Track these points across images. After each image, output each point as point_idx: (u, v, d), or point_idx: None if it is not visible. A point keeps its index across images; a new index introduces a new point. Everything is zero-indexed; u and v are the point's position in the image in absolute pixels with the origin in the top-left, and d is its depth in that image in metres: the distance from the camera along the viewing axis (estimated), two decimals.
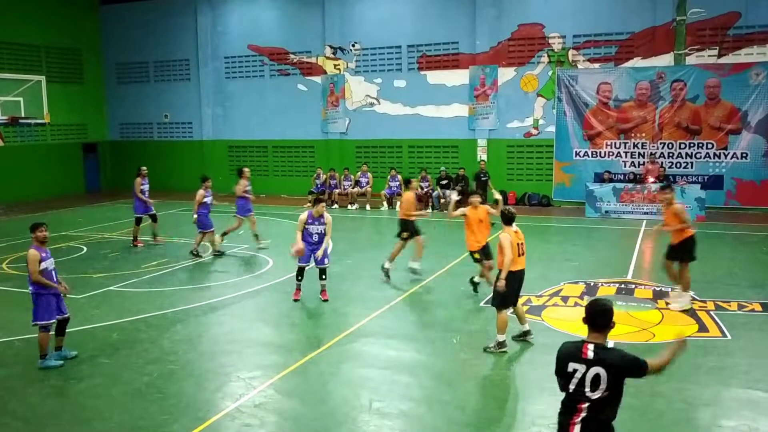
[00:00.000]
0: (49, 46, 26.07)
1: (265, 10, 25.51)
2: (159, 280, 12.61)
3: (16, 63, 23.99)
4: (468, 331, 9.30)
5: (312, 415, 6.79)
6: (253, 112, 26.10)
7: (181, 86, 27.33)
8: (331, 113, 24.72)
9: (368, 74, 24.04)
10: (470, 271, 12.87)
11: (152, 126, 28.29)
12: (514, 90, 21.98)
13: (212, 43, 26.42)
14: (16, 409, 6.96)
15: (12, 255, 14.97)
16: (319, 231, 10.95)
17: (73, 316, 10.12)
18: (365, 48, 23.96)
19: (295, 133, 25.44)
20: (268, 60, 25.62)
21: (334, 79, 24.50)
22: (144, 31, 27.60)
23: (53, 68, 25.92)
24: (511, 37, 21.85)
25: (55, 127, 25.71)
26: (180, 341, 9.15)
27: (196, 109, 27.11)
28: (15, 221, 20.33)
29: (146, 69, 28.03)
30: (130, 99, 28.47)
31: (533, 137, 21.98)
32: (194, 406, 6.99)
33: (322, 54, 24.62)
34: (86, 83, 27.95)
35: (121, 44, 28.19)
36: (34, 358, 8.48)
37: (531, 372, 7.89)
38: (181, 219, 20.37)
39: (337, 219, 19.66)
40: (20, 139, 24.98)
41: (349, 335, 9.15)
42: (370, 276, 12.71)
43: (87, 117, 28.00)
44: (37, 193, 25.36)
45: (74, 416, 6.80)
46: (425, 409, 6.89)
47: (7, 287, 12.13)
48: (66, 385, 7.61)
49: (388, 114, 23.86)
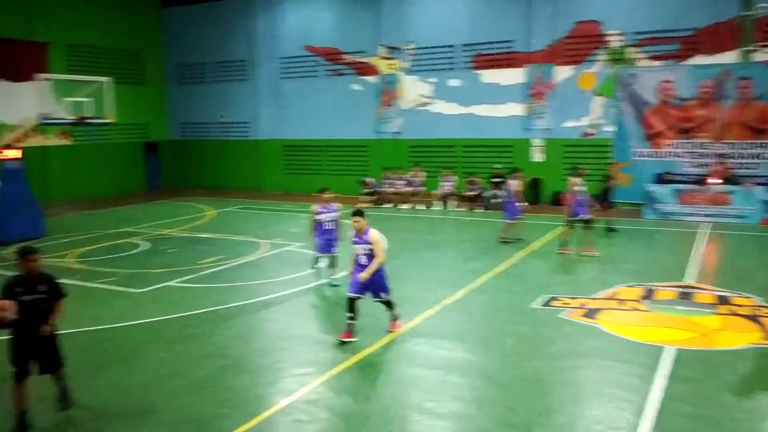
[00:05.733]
0: (114, 49, 26.97)
1: (320, 11, 25.77)
2: (215, 276, 12.88)
3: (83, 65, 24.89)
4: (521, 334, 9.18)
5: (363, 413, 6.83)
6: (308, 111, 26.39)
7: (239, 86, 27.86)
8: (384, 113, 24.80)
9: (422, 74, 24.01)
10: (523, 272, 12.73)
11: (210, 125, 28.93)
12: (571, 89, 21.60)
13: (268, 44, 26.85)
14: (80, 398, 7.21)
15: (78, 249, 15.52)
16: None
17: (133, 310, 10.47)
18: (419, 47, 23.93)
19: (348, 133, 25.62)
20: (323, 60, 25.87)
21: (388, 79, 24.56)
22: (203, 33, 28.26)
23: (118, 70, 26.71)
24: (568, 35, 21.48)
25: (119, 127, 26.54)
26: (234, 337, 9.32)
27: (252, 109, 27.60)
28: (81, 217, 21.10)
29: (205, 70, 28.69)
30: (189, 99, 29.21)
31: (590, 137, 21.56)
32: (248, 401, 7.12)
33: (376, 54, 24.71)
34: (148, 84, 28.79)
35: (181, 46, 28.95)
36: (96, 349, 8.79)
37: (586, 376, 7.74)
38: (238, 216, 20.77)
39: (388, 218, 19.80)
40: (87, 139, 25.92)
41: (400, 335, 9.16)
42: (421, 276, 12.69)
43: (149, 117, 28.86)
44: (101, 190, 26.29)
45: (133, 407, 7.01)
46: (476, 409, 6.84)
47: (72, 280, 12.57)
48: (126, 377, 7.84)
49: (441, 113, 23.78)
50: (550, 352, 8.47)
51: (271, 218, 20.47)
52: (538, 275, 12.61)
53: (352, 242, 9.08)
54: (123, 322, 9.95)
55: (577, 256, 13.93)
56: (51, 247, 15.82)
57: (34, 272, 6.57)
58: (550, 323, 9.58)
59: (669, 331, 9.22)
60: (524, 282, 11.99)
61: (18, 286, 6.48)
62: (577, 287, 11.52)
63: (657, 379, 7.43)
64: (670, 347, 8.36)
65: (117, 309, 10.70)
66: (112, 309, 10.71)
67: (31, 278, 6.54)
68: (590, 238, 14.25)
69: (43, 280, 6.61)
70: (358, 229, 8.95)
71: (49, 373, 6.80)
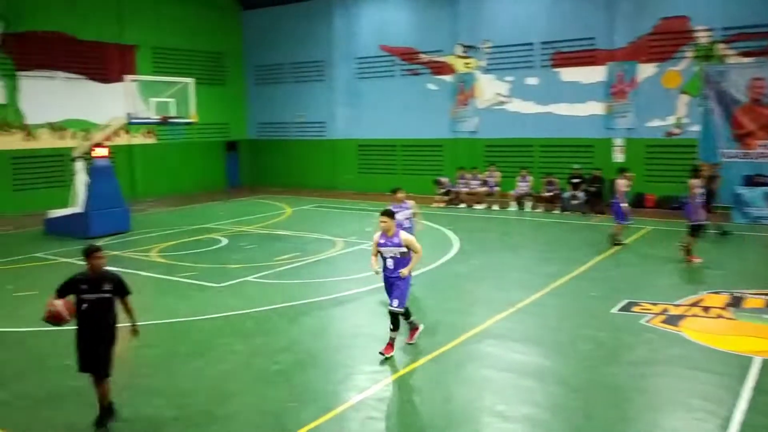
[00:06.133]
0: (196, 51, 27.91)
1: (397, 10, 25.85)
2: (291, 273, 13.11)
3: (167, 67, 25.91)
4: (598, 339, 8.92)
5: (434, 413, 6.79)
6: (383, 111, 26.52)
7: (316, 87, 28.29)
8: (460, 112, 24.63)
9: (499, 72, 23.70)
10: (601, 276, 12.37)
11: (288, 125, 29.50)
12: (655, 87, 20.82)
13: (345, 45, 27.14)
14: (160, 386, 7.50)
15: (161, 244, 16.14)
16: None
17: (212, 304, 10.80)
18: (496, 46, 23.63)
19: (423, 132, 25.58)
20: (399, 60, 25.94)
21: (464, 78, 24.38)
22: (282, 34, 28.85)
23: (200, 71, 27.68)
24: (652, 32, 20.72)
25: (201, 126, 27.47)
26: (308, 332, 9.47)
27: (328, 109, 27.97)
28: (164, 213, 21.94)
29: (283, 70, 29.27)
30: (267, 99, 29.88)
31: (675, 137, 20.74)
32: (320, 396, 7.21)
33: (452, 53, 24.58)
34: (228, 85, 29.64)
35: (260, 47, 29.64)
36: (177, 340, 9.12)
37: (666, 385, 7.44)
38: (313, 214, 21.10)
39: (463, 219, 19.68)
40: (170, 137, 26.96)
41: (472, 336, 9.06)
42: (495, 277, 12.53)
43: (229, 116, 29.71)
44: (183, 187, 27.26)
45: (209, 397, 7.22)
46: (550, 415, 6.68)
47: (155, 274, 13.09)
48: (204, 368, 8.09)
49: (519, 112, 23.41)
50: (629, 358, 8.18)
51: (345, 217, 20.68)
52: (618, 279, 12.22)
53: (378, 245, 8.34)
54: (202, 315, 10.27)
55: (687, 262, 13.24)
56: (135, 242, 16.54)
57: (99, 270, 6.48)
58: (629, 329, 9.26)
59: (757, 340, 8.75)
60: (603, 286, 11.64)
61: (83, 284, 6.39)
62: (658, 293, 11.10)
63: (742, 390, 7.06)
64: (758, 357, 7.93)
65: (196, 302, 11.06)
66: (192, 302, 11.08)
67: (97, 276, 6.45)
68: (697, 245, 13.62)
69: (108, 279, 6.51)
70: (386, 230, 8.27)
71: (93, 374, 6.49)
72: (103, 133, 18.23)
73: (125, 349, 9.23)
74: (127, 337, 6.76)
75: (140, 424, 6.59)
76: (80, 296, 6.36)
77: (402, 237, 8.28)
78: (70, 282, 6.43)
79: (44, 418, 6.78)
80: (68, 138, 23.28)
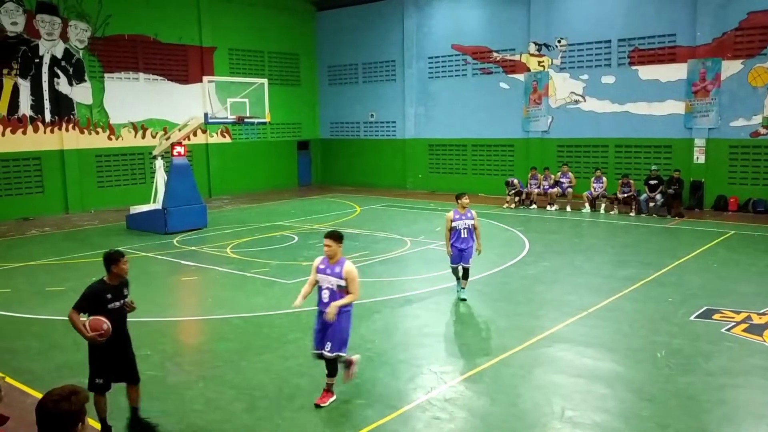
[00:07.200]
0: (271, 52, 28.53)
1: (469, 9, 25.67)
2: (360, 271, 13.09)
3: (242, 67, 26.61)
4: (674, 346, 8.60)
5: (501, 416, 6.72)
6: (454, 110, 26.40)
7: (387, 86, 28.43)
8: (533, 111, 24.25)
9: (574, 71, 23.19)
10: (679, 282, 11.92)
11: (359, 125, 29.77)
12: (741, 85, 19.91)
13: (417, 44, 27.16)
14: (232, 378, 7.71)
15: (235, 240, 16.58)
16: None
17: (283, 301, 11.00)
18: (571, 44, 23.14)
19: (494, 132, 25.31)
20: (471, 59, 25.75)
21: (537, 77, 23.98)
22: (354, 34, 29.13)
23: (274, 71, 28.33)
24: (739, 27, 19.80)
25: (274, 126, 28.13)
26: (377, 331, 9.53)
27: (399, 109, 28.06)
28: (239, 210, 22.53)
29: (355, 70, 29.55)
30: (339, 99, 30.23)
31: (761, 137, 19.77)
32: (387, 394, 7.24)
33: (525, 51, 24.22)
34: (302, 85, 30.16)
35: (333, 48, 30.03)
36: (249, 334, 9.35)
37: (746, 396, 7.11)
38: (383, 213, 21.20)
39: (534, 220, 19.36)
40: (245, 137, 27.67)
41: (542, 339, 8.91)
42: (567, 280, 12.26)
43: (301, 116, 30.23)
44: (257, 185, 27.93)
45: (279, 390, 7.37)
46: (622, 423, 6.49)
47: (229, 269, 13.46)
48: (274, 362, 8.27)
49: (593, 111, 22.84)
50: (707, 368, 7.86)
51: (414, 216, 20.69)
52: (697, 286, 11.74)
53: (317, 270, 7.24)
54: (274, 310, 10.50)
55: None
56: (212, 238, 17.05)
57: (124, 276, 6.22)
58: (707, 337, 8.90)
59: None
60: (680, 292, 11.22)
61: (107, 293, 6.04)
62: (740, 300, 10.61)
63: None
64: None
65: (269, 298, 11.30)
66: (265, 297, 11.33)
67: (119, 283, 6.16)
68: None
69: (125, 283, 6.26)
70: (330, 256, 7.17)
71: (128, 383, 6.34)
72: (182, 132, 18.86)
73: (201, 342, 9.55)
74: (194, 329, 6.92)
75: (212, 414, 6.79)
76: (107, 306, 6.02)
77: (345, 269, 7.11)
78: (94, 295, 6.03)
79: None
80: (149, 137, 24.25)
